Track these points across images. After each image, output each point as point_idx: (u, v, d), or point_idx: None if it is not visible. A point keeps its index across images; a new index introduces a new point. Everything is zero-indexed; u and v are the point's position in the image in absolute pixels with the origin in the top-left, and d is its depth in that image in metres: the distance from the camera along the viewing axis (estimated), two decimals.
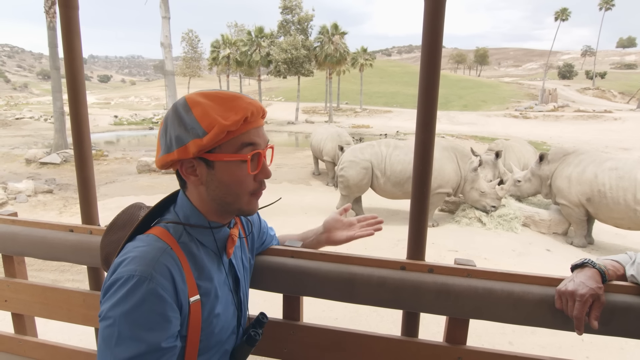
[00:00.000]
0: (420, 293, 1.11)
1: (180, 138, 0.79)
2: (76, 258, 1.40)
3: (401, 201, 7.90)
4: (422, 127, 1.13)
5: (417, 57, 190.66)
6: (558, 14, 63.41)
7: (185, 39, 45.76)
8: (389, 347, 1.20)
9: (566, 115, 32.87)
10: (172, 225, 0.85)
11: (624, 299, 1.00)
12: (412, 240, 1.19)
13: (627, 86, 58.32)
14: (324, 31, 33.70)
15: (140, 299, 0.73)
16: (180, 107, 0.81)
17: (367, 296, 1.15)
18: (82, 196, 1.44)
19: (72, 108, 1.38)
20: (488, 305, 1.07)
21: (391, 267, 1.16)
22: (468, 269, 1.11)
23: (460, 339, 1.15)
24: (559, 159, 6.62)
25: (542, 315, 1.04)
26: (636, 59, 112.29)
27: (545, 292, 1.04)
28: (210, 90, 0.84)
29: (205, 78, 78.83)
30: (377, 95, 51.70)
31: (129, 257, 0.78)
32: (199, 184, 0.84)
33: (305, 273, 1.18)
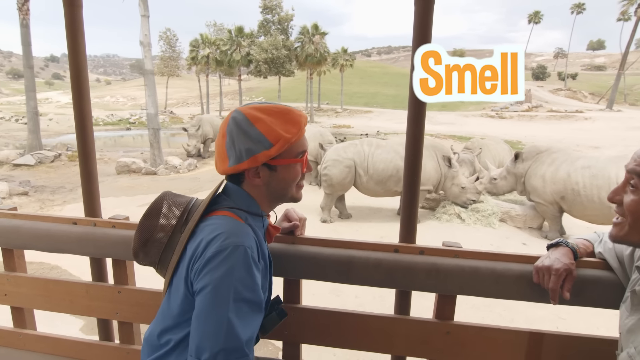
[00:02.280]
0: (413, 273, 1.21)
1: (250, 150, 0.95)
2: (81, 250, 1.44)
3: (383, 199, 8.07)
4: (413, 122, 1.23)
5: (396, 58, 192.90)
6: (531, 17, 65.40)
7: (163, 37, 45.02)
8: (383, 325, 1.29)
9: (540, 115, 33.97)
10: (236, 210, 0.98)
11: (592, 272, 1.12)
12: (404, 225, 1.29)
13: (597, 87, 60.68)
14: (305, 31, 33.78)
15: (247, 264, 0.89)
16: (242, 122, 0.95)
17: (364, 277, 1.24)
18: (85, 189, 1.49)
19: (75, 104, 1.42)
20: (473, 282, 1.18)
21: (386, 250, 1.25)
22: (455, 250, 1.22)
23: (448, 315, 1.26)
24: (533, 157, 6.88)
25: (521, 290, 1.15)
26: (605, 61, 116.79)
27: (524, 268, 1.15)
28: (262, 104, 0.99)
29: (184, 78, 77.62)
30: (357, 96, 52.13)
31: (222, 233, 0.91)
32: (260, 184, 1.01)
33: (306, 258, 1.26)
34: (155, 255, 1.02)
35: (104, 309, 1.49)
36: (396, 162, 7.20)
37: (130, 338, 1.53)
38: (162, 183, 11.07)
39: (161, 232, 1.02)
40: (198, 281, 0.88)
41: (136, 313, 1.47)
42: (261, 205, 1.05)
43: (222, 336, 0.85)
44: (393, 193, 7.48)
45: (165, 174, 12.27)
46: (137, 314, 1.47)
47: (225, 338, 0.85)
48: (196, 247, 0.92)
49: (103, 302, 1.48)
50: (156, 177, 11.91)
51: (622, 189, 0.87)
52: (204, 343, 0.85)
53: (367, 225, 7.29)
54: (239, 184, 1.02)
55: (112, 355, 1.53)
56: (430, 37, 1.17)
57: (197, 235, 0.95)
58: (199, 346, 0.86)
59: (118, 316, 1.49)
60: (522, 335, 1.22)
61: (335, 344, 1.34)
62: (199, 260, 0.89)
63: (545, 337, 1.21)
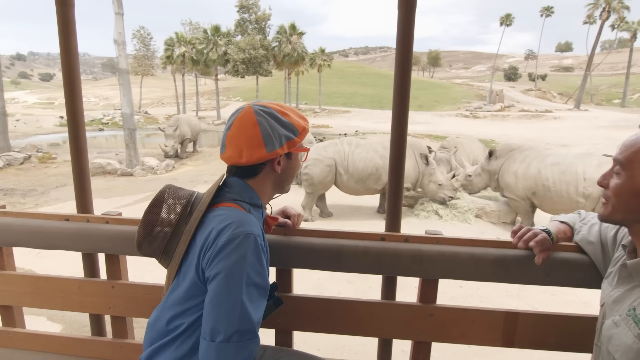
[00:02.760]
0: (398, 259, 1.29)
1: (287, 136, 1.07)
2: (74, 246, 1.45)
3: (363, 197, 8.20)
4: (397, 118, 1.31)
5: (373, 59, 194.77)
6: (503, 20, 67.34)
7: (137, 36, 43.99)
8: (371, 310, 1.37)
9: (512, 114, 35.06)
10: (240, 202, 1.04)
11: (564, 255, 1.23)
12: (390, 216, 1.38)
13: (565, 87, 63.12)
14: (282, 31, 33.73)
15: (257, 251, 0.96)
16: (274, 113, 1.06)
17: (353, 265, 1.32)
18: (78, 186, 1.50)
19: (68, 102, 1.44)
20: (454, 266, 1.27)
21: (373, 239, 1.33)
22: (437, 237, 1.31)
23: (431, 298, 1.35)
24: (506, 155, 7.16)
25: (498, 272, 1.26)
26: (573, 63, 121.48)
27: (501, 252, 1.26)
28: (272, 102, 1.11)
29: (159, 77, 75.96)
30: (335, 96, 52.38)
31: (233, 222, 0.96)
32: (277, 172, 1.10)
33: (297, 248, 1.32)
34: (159, 246, 1.06)
35: (97, 304, 1.51)
36: (375, 161, 7.34)
37: (123, 332, 1.55)
38: (139, 184, 10.86)
39: (165, 223, 1.06)
40: (211, 268, 0.94)
41: (130, 307, 1.49)
42: (261, 198, 1.11)
43: (237, 319, 0.91)
44: (373, 191, 7.62)
45: (142, 175, 12.05)
46: (131, 308, 1.49)
47: (239, 320, 0.91)
48: (207, 236, 0.97)
49: (96, 298, 1.50)
50: (133, 179, 11.67)
51: (610, 175, 0.98)
52: (218, 326, 0.91)
53: (348, 223, 7.40)
54: (254, 174, 1.08)
55: (105, 350, 1.55)
56: (413, 40, 1.26)
57: (205, 225, 1.01)
58: (213, 328, 0.91)
59: (111, 311, 1.51)
60: (498, 315, 1.32)
61: (326, 330, 1.41)
62: (211, 249, 0.95)
63: (520, 316, 1.32)
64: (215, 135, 26.78)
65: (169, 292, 1.05)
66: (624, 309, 0.95)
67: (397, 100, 1.30)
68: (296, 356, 1.32)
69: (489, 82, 59.66)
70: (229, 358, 0.90)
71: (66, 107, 1.44)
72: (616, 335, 0.94)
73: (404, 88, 1.29)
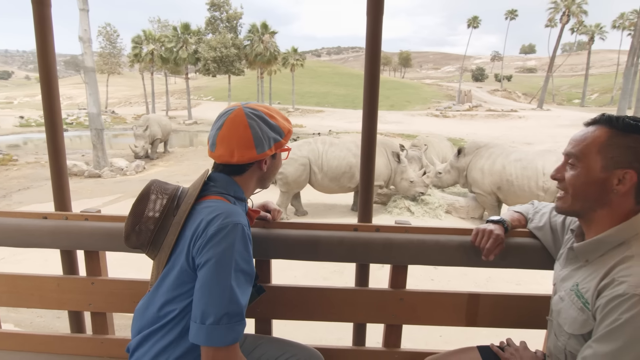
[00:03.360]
0: (370, 248, 1.39)
1: (275, 139, 1.15)
2: (53, 243, 1.46)
3: (337, 195, 8.32)
4: (367, 117, 1.41)
5: (345, 59, 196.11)
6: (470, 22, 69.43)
7: (103, 33, 42.55)
8: (345, 296, 1.46)
9: (480, 114, 36.24)
10: (225, 195, 1.10)
11: (518, 240, 1.36)
12: (362, 207, 1.47)
13: (529, 88, 65.79)
14: (254, 30, 33.47)
15: (244, 240, 1.02)
16: (264, 117, 1.14)
17: (328, 254, 1.40)
18: (56, 184, 1.51)
19: (45, 101, 1.45)
20: (421, 253, 1.38)
21: (347, 230, 1.42)
22: (406, 227, 1.41)
23: (401, 284, 1.45)
24: (473, 152, 7.49)
25: (461, 257, 1.37)
26: (536, 64, 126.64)
27: (463, 239, 1.37)
28: (260, 104, 1.18)
29: (126, 75, 73.74)
30: (308, 95, 52.50)
31: (222, 213, 1.03)
32: (263, 170, 1.18)
33: (276, 239, 1.39)
34: (147, 238, 1.11)
35: (76, 301, 1.52)
36: (349, 160, 7.47)
37: (104, 328, 1.57)
38: (108, 186, 10.57)
39: (153, 215, 1.11)
40: (201, 255, 1.00)
41: (111, 303, 1.52)
42: (245, 192, 1.19)
43: (226, 302, 0.97)
44: (347, 189, 7.75)
45: (111, 177, 11.72)
46: (112, 303, 1.52)
47: (228, 303, 0.97)
48: (197, 226, 1.03)
49: (76, 295, 1.51)
50: (101, 180, 11.34)
51: (563, 168, 1.08)
52: (208, 309, 0.97)
53: (324, 221, 7.49)
54: (242, 172, 1.16)
55: (85, 346, 1.56)
56: (381, 43, 1.36)
57: (194, 216, 1.07)
58: (204, 312, 0.97)
59: (92, 307, 1.53)
60: (462, 297, 1.44)
61: (303, 317, 1.48)
62: (201, 238, 1.01)
63: (481, 297, 1.44)
64: (186, 135, 26.29)
65: (159, 280, 1.09)
66: (567, 286, 1.07)
67: (367, 100, 1.39)
68: (275, 342, 1.39)
69: (458, 82, 61.41)
70: (218, 339, 0.96)
71: (43, 106, 1.45)
72: (563, 309, 1.06)
73: (374, 89, 1.38)
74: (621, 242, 0.99)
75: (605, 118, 1.01)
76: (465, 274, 5.00)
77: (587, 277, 1.02)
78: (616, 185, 0.97)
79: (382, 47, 1.40)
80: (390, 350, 1.52)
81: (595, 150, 0.99)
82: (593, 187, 1.01)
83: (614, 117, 1.00)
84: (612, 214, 1.01)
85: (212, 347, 0.97)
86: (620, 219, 1.00)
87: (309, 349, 1.38)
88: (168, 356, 1.04)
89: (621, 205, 1.00)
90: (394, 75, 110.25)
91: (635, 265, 0.93)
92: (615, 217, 1.01)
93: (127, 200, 9.03)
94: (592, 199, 1.02)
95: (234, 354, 1.00)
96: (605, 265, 0.99)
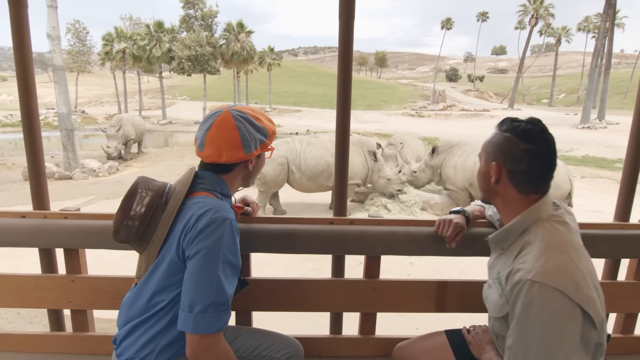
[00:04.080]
0: (345, 240, 1.46)
1: (261, 140, 1.21)
2: (32, 242, 1.46)
3: (316, 194, 8.40)
4: (341, 116, 1.48)
5: (322, 58, 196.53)
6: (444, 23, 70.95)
7: (71, 30, 41.09)
8: (323, 287, 1.53)
9: (454, 114, 37.13)
10: (213, 192, 1.18)
11: (481, 230, 1.46)
12: (337, 202, 1.55)
13: (501, 88, 67.82)
14: (230, 29, 33.12)
15: (232, 234, 1.08)
16: (250, 119, 1.20)
17: (305, 247, 1.46)
18: (34, 183, 1.52)
19: (22, 101, 1.45)
20: (393, 243, 1.46)
21: (322, 223, 1.49)
22: (378, 219, 1.50)
23: (375, 274, 1.54)
24: (446, 150, 7.72)
25: (430, 247, 1.46)
26: (507, 65, 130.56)
27: (432, 230, 1.46)
28: (246, 105, 1.26)
29: (96, 74, 71.47)
30: (286, 95, 52.37)
31: (212, 208, 1.08)
32: (248, 170, 1.25)
33: (255, 234, 1.45)
34: (136, 232, 1.14)
35: (56, 299, 1.53)
36: (327, 158, 7.55)
37: (84, 325, 1.58)
38: (80, 188, 10.29)
39: (142, 211, 1.14)
40: (191, 247, 1.05)
41: (91, 300, 1.53)
42: (231, 189, 1.25)
43: (214, 291, 1.02)
44: (325, 188, 7.83)
45: (83, 178, 11.40)
46: (92, 300, 1.53)
47: (215, 293, 1.03)
48: (187, 220, 1.08)
49: (55, 293, 1.52)
50: (72, 182, 11.02)
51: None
52: (196, 298, 1.02)
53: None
54: (228, 171, 1.22)
55: (66, 344, 1.57)
56: (352, 46, 1.44)
57: (184, 211, 1.12)
58: (192, 301, 1.02)
59: (72, 305, 1.54)
60: (431, 285, 1.53)
61: (282, 308, 1.55)
62: (192, 231, 1.06)
63: (449, 284, 1.54)
64: (161, 135, 25.76)
65: (149, 272, 1.13)
66: (494, 274, 1.18)
67: (340, 99, 1.47)
68: (255, 333, 1.45)
69: (432, 82, 62.67)
70: (205, 327, 1.01)
71: (20, 105, 1.45)
72: (490, 295, 1.17)
73: (346, 88, 1.46)
74: (524, 230, 1.09)
75: (500, 121, 1.15)
76: (439, 267, 5.17)
77: (504, 265, 1.12)
78: (491, 177, 1.11)
79: (358, 47, 1.49)
80: (366, 337, 1.60)
81: (484, 148, 1.16)
82: (481, 179, 1.16)
83: (505, 119, 1.13)
84: (504, 203, 1.13)
85: (197, 334, 1.02)
86: (513, 207, 1.11)
87: (288, 338, 1.44)
88: (156, 345, 1.09)
89: (505, 194, 1.11)
90: (371, 75, 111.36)
91: (531, 251, 1.02)
92: (507, 205, 1.13)
93: (100, 202, 8.82)
94: (484, 189, 1.17)
95: (218, 341, 1.05)
96: (514, 252, 1.09)
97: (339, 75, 1.45)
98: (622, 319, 1.69)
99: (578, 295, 0.93)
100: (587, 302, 0.94)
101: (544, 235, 1.03)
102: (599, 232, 1.52)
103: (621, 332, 1.69)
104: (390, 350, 1.47)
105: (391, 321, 3.56)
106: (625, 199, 1.65)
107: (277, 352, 1.36)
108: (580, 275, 0.96)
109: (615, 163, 15.14)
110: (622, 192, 1.66)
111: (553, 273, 0.94)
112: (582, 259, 1.01)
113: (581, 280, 0.95)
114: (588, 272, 0.99)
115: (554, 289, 0.92)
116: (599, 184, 11.49)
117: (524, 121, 1.08)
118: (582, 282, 0.95)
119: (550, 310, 0.92)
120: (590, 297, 0.95)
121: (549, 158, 1.06)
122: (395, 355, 1.43)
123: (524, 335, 0.96)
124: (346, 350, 1.60)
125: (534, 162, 1.05)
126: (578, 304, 0.92)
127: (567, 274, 0.95)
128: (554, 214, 1.08)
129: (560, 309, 0.92)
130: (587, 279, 0.97)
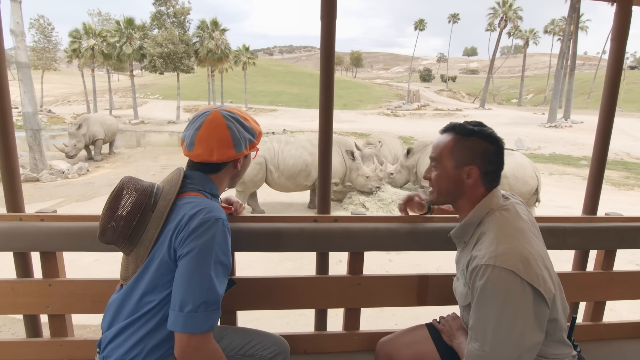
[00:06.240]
0: (329, 237, 1.48)
1: (250, 139, 1.25)
2: (6, 245, 1.41)
3: (294, 194, 8.40)
4: (324, 115, 1.51)
5: (298, 58, 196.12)
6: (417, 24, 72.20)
7: (35, 26, 39.40)
8: (307, 284, 1.55)
9: (428, 113, 37.84)
10: (203, 192, 1.19)
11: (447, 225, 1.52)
12: (321, 200, 1.57)
13: (472, 88, 69.65)
14: (204, 26, 32.59)
15: (224, 233, 1.09)
16: (239, 119, 1.23)
17: (290, 245, 1.48)
18: (7, 185, 1.46)
19: None
20: (375, 239, 1.50)
21: (306, 221, 1.51)
22: (361, 217, 1.53)
23: (358, 270, 1.57)
24: (421, 150, 7.89)
25: (411, 242, 1.51)
26: (478, 66, 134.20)
27: (413, 226, 1.51)
28: (234, 107, 1.27)
29: (63, 72, 68.85)
30: (262, 94, 51.98)
31: (204, 208, 1.09)
32: (237, 169, 1.28)
33: (240, 233, 1.45)
34: (124, 232, 1.12)
35: (32, 304, 1.48)
36: (305, 158, 7.57)
37: (62, 330, 1.54)
38: (48, 190, 9.89)
39: (129, 211, 1.12)
40: (183, 247, 1.04)
41: (70, 304, 1.49)
42: (219, 189, 1.26)
43: (205, 291, 1.02)
44: (303, 187, 7.84)
45: (51, 180, 10.97)
46: (71, 304, 1.49)
47: (207, 292, 1.02)
48: (179, 220, 1.08)
49: (32, 298, 1.47)
50: (40, 184, 10.58)
51: (430, 170, 1.27)
52: (187, 297, 1.01)
53: None
54: (217, 170, 1.23)
55: (43, 350, 1.52)
56: (334, 46, 1.47)
57: (176, 212, 1.11)
58: (183, 300, 1.01)
59: (49, 310, 1.49)
60: (413, 279, 1.58)
61: (268, 307, 1.55)
62: (184, 231, 1.06)
63: (430, 278, 1.59)
64: (133, 135, 25.05)
65: (139, 273, 1.11)
66: (460, 267, 1.25)
67: (323, 100, 1.49)
68: (241, 332, 1.45)
69: (407, 82, 63.66)
70: (195, 326, 1.01)
71: None
72: (457, 286, 1.25)
73: (329, 89, 1.48)
74: (479, 222, 1.18)
75: (451, 126, 1.22)
76: (417, 264, 5.28)
77: (466, 257, 1.19)
78: (466, 179, 1.18)
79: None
80: (350, 332, 1.63)
81: (447, 153, 1.20)
82: (450, 183, 1.21)
83: (457, 124, 1.21)
84: (470, 201, 1.21)
85: (186, 334, 1.01)
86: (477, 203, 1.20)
87: (274, 335, 1.45)
88: (144, 346, 1.07)
89: (474, 193, 1.20)
90: (347, 75, 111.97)
91: (485, 240, 1.12)
92: (473, 203, 1.20)
93: (71, 205, 8.51)
94: (451, 192, 1.22)
95: (208, 341, 1.05)
96: (472, 244, 1.18)
97: (322, 75, 1.47)
98: (591, 307, 1.79)
99: (528, 274, 1.01)
100: (537, 280, 1.02)
101: (495, 224, 1.13)
102: (569, 225, 1.61)
103: (590, 320, 1.79)
104: (374, 344, 1.50)
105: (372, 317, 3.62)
106: (592, 194, 1.75)
107: (263, 350, 1.37)
108: (530, 256, 1.05)
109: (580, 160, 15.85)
110: (589, 188, 1.76)
111: (504, 256, 1.03)
112: (532, 242, 1.10)
113: (531, 260, 1.04)
114: (538, 253, 1.08)
115: (505, 270, 1.01)
116: (566, 180, 12.01)
117: (476, 124, 1.19)
118: (532, 262, 1.04)
119: (504, 289, 1.01)
120: (540, 275, 1.03)
121: (504, 155, 1.19)
122: (379, 349, 1.46)
123: (482, 314, 1.04)
124: (331, 346, 1.62)
125: (499, 161, 1.18)
126: (528, 282, 1.01)
127: (517, 256, 1.03)
128: (504, 204, 1.18)
129: (512, 287, 1.01)
130: (537, 259, 1.06)
